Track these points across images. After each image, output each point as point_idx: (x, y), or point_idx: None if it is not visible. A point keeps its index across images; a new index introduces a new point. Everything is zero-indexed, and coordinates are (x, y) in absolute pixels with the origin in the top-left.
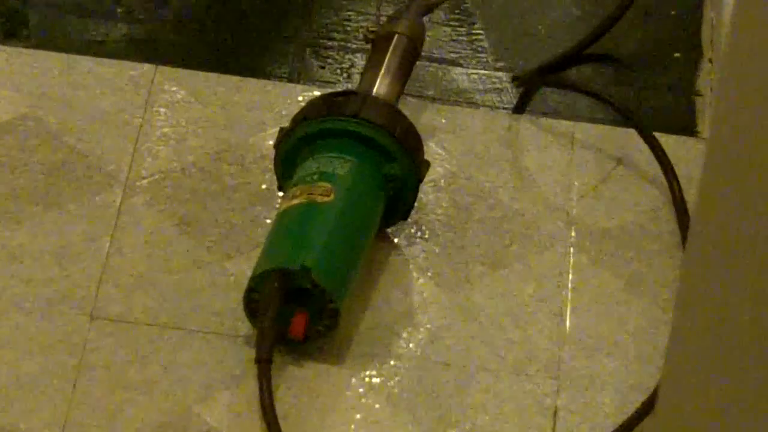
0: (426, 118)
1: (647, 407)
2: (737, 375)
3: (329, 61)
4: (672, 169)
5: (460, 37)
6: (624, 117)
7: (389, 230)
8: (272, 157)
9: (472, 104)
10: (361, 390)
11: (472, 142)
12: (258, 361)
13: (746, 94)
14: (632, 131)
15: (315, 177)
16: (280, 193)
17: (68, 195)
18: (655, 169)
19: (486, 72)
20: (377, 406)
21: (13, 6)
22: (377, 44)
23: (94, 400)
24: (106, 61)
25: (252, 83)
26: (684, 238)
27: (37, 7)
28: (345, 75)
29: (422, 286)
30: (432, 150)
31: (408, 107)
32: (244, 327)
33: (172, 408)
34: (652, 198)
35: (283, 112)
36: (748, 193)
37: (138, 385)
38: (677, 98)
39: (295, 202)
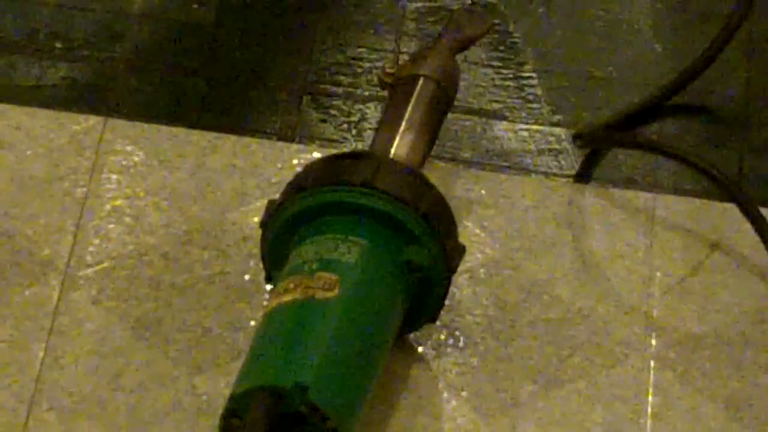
0: (461, 187)
1: None
2: None
3: (333, 112)
4: None
5: (506, 82)
6: (720, 187)
7: (412, 336)
8: (258, 238)
9: (522, 170)
10: None
11: (521, 220)
12: None
13: None
14: (732, 206)
15: (314, 266)
16: (269, 287)
17: None
18: (761, 256)
19: (539, 127)
20: None
21: None
22: (397, 91)
23: None
24: (40, 111)
25: (231, 141)
26: None
27: None
28: (354, 131)
29: (455, 410)
30: (469, 230)
31: (437, 173)
32: None
33: None
34: (758, 295)
35: (273, 180)
36: None
37: None
38: None
39: (289, 298)
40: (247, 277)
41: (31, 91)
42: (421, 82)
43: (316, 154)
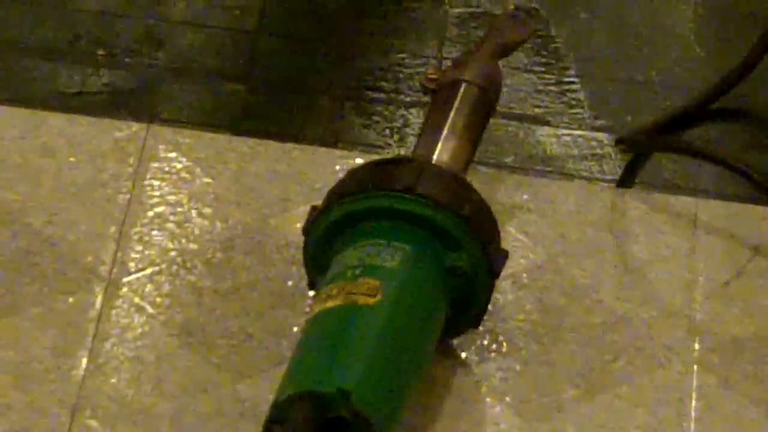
0: (503, 193)
1: None
2: None
3: (375, 118)
4: None
5: (549, 87)
6: (763, 192)
7: (455, 341)
8: (301, 244)
9: (564, 175)
10: None
11: (564, 225)
12: None
13: None
14: None
15: (357, 271)
16: (311, 293)
17: (33, 296)
18: None
19: (582, 132)
20: None
21: None
22: (439, 96)
23: None
24: (82, 118)
25: (273, 147)
26: None
27: None
28: (396, 136)
29: (498, 415)
30: (511, 235)
31: (480, 179)
32: None
33: None
34: None
35: (315, 186)
36: None
37: None
38: None
39: (331, 304)
40: (289, 283)
41: (73, 98)
42: (463, 87)
43: (359, 160)
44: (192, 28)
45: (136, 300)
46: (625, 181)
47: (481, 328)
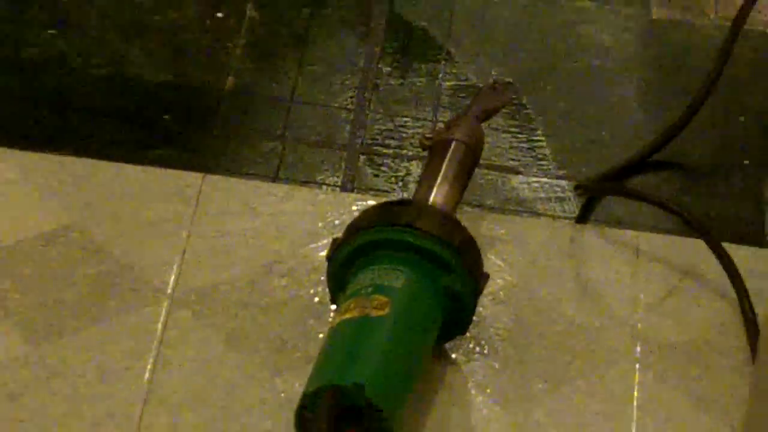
0: (485, 228)
1: None
2: None
3: (384, 168)
4: (741, 281)
5: (521, 144)
6: (691, 227)
7: (447, 345)
8: (325, 268)
9: (534, 214)
10: None
11: (533, 254)
12: None
13: None
14: (700, 242)
15: (369, 290)
16: (333, 307)
17: (112, 309)
18: (723, 281)
19: (548, 180)
20: None
21: (52, 113)
22: (434, 151)
23: None
24: (153, 169)
25: (303, 192)
26: (754, 354)
27: (79, 112)
28: (400, 183)
29: (481, 404)
30: (491, 262)
31: (466, 217)
32: None
33: None
34: (721, 312)
35: (336, 222)
36: None
37: None
38: (746, 207)
39: (349, 316)
40: (316, 299)
41: (144, 152)
42: (453, 144)
43: (371, 202)
44: (240, 96)
45: (194, 312)
46: (582, 218)
47: (467, 334)
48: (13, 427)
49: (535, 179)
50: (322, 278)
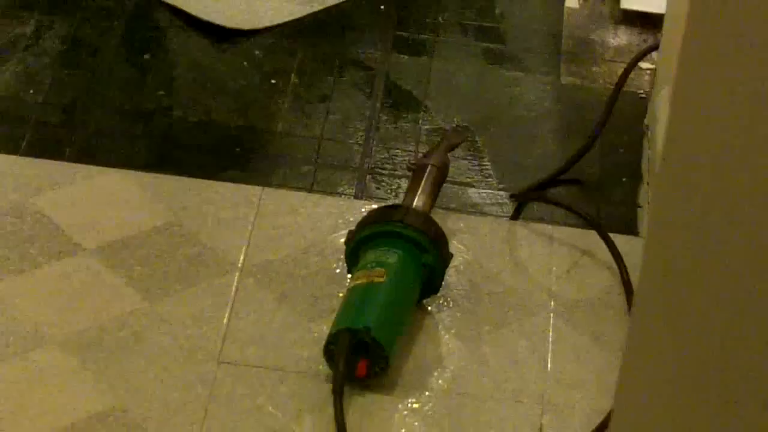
0: (450, 223)
1: (604, 425)
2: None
3: (383, 184)
4: (622, 259)
5: (474, 168)
6: (588, 222)
7: (425, 301)
8: (343, 250)
9: (482, 214)
10: (405, 413)
11: (481, 240)
12: (334, 392)
13: (670, 209)
14: (593, 232)
15: (373, 264)
16: (349, 276)
17: (202, 277)
18: (609, 258)
19: (491, 191)
20: (416, 424)
21: (161, 147)
22: (416, 172)
23: (220, 418)
24: (228, 184)
25: (329, 200)
26: (629, 308)
27: (179, 146)
28: (393, 193)
29: (447, 340)
30: (454, 246)
31: (438, 216)
32: (325, 369)
33: (274, 428)
34: (608, 280)
35: (351, 219)
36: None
37: (250, 411)
38: (625, 209)
39: (359, 282)
40: (337, 270)
41: (222, 172)
42: (429, 168)
43: (373, 206)
44: (288, 137)
45: (255, 280)
46: (514, 217)
47: (438, 294)
48: (137, 355)
49: (483, 191)
50: (341, 257)
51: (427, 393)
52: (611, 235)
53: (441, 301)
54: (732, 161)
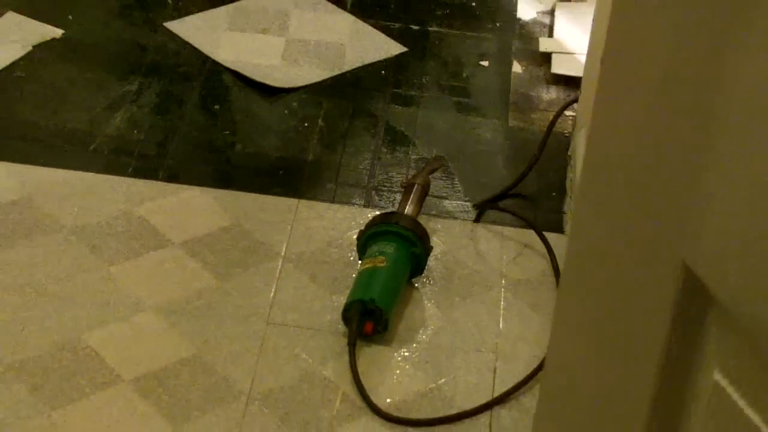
0: (431, 225)
1: (539, 368)
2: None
3: (383, 197)
4: (552, 251)
5: (447, 186)
6: (528, 224)
7: (413, 280)
8: (356, 244)
9: (454, 218)
10: (399, 360)
11: (453, 237)
12: (349, 344)
13: (585, 215)
14: (532, 232)
15: (376, 253)
16: (359, 262)
17: (254, 263)
18: (544, 251)
19: (460, 202)
20: (407, 367)
21: (227, 171)
22: (407, 189)
23: (268, 362)
24: (274, 197)
25: (345, 208)
26: (557, 286)
27: (238, 169)
28: (391, 204)
29: (429, 308)
30: (434, 241)
31: (422, 219)
32: (342, 328)
33: (306, 369)
34: (543, 265)
35: (360, 222)
36: (588, 263)
37: (289, 358)
38: (555, 215)
39: (366, 266)
40: (352, 258)
41: (268, 187)
42: (416, 186)
43: (377, 212)
44: (316, 164)
45: (294, 265)
46: (477, 221)
47: (423, 275)
48: (209, 318)
49: (454, 202)
50: (354, 249)
51: (414, 345)
52: (545, 233)
53: (424, 280)
54: (629, 183)
